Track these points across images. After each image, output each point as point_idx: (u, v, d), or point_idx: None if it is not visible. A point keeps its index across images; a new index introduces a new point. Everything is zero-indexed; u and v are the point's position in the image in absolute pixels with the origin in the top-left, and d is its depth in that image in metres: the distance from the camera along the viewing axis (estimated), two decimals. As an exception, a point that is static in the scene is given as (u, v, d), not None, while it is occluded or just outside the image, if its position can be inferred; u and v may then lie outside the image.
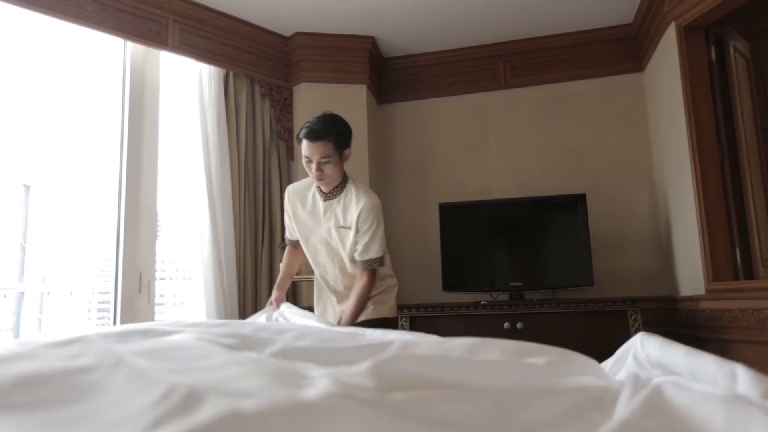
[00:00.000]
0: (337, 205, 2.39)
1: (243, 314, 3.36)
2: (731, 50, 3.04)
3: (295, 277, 3.56)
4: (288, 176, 3.74)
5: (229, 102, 3.46)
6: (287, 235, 2.62)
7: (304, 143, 2.30)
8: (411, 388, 0.68)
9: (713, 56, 3.04)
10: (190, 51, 3.31)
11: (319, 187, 2.42)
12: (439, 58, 4.04)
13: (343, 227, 2.37)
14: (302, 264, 2.69)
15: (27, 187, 5.19)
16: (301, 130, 2.33)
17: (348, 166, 3.83)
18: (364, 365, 0.72)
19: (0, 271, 4.92)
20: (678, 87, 3.04)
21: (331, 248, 2.43)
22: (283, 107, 3.74)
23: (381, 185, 4.05)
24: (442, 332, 1.07)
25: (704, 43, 3.03)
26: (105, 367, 0.75)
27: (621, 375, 1.10)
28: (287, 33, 3.72)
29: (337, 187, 2.39)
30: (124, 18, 3.06)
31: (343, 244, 2.38)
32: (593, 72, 3.82)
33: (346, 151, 2.38)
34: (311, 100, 3.76)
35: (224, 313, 3.20)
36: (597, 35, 3.77)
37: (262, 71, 3.66)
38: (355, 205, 2.36)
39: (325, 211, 2.40)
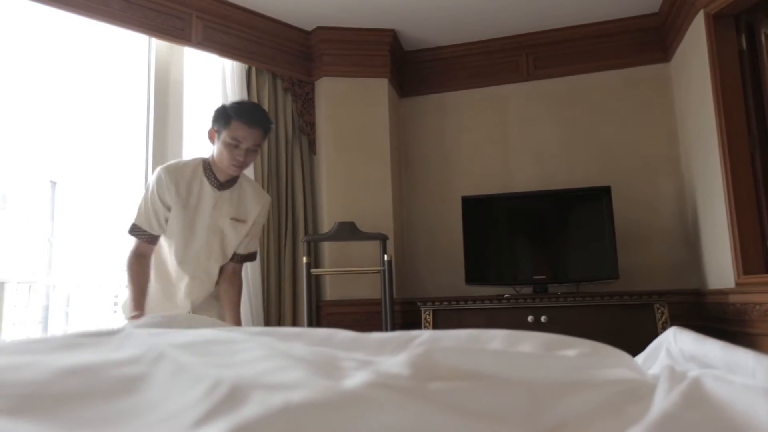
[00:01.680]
0: (229, 196, 2.25)
1: (266, 307, 3.39)
2: (762, 38, 2.96)
3: (315, 270, 3.54)
4: (310, 170, 3.75)
5: (251, 97, 3.49)
6: (149, 228, 2.20)
7: (240, 126, 2.06)
8: (448, 378, 0.68)
9: (744, 45, 2.97)
10: (213, 47, 3.34)
11: (210, 175, 2.21)
12: (460, 50, 4.01)
13: (238, 220, 2.26)
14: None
15: (53, 184, 5.29)
16: (232, 108, 2.10)
17: (368, 160, 3.84)
18: (400, 357, 0.73)
19: (28, 266, 5.03)
20: (707, 77, 2.98)
21: (214, 240, 2.25)
22: (305, 102, 3.76)
23: (403, 178, 4.05)
24: (466, 326, 1.06)
25: (734, 32, 2.96)
26: (147, 361, 0.76)
27: (654, 370, 1.09)
28: (309, 27, 3.72)
29: (234, 177, 2.26)
30: (149, 15, 3.09)
31: (234, 236, 2.28)
32: (618, 63, 3.76)
33: None
34: (333, 94, 3.77)
35: (248, 307, 3.22)
36: (621, 25, 3.71)
37: (284, 66, 3.67)
38: (254, 199, 2.30)
39: (215, 201, 2.22)
